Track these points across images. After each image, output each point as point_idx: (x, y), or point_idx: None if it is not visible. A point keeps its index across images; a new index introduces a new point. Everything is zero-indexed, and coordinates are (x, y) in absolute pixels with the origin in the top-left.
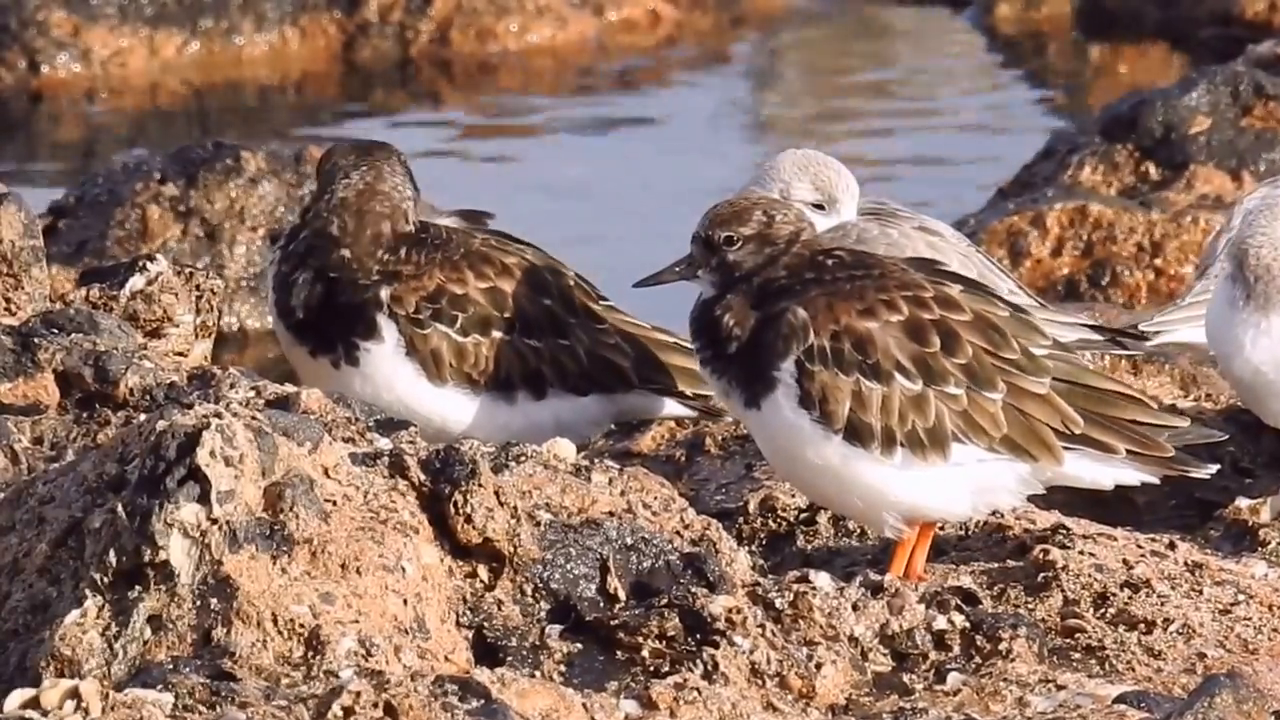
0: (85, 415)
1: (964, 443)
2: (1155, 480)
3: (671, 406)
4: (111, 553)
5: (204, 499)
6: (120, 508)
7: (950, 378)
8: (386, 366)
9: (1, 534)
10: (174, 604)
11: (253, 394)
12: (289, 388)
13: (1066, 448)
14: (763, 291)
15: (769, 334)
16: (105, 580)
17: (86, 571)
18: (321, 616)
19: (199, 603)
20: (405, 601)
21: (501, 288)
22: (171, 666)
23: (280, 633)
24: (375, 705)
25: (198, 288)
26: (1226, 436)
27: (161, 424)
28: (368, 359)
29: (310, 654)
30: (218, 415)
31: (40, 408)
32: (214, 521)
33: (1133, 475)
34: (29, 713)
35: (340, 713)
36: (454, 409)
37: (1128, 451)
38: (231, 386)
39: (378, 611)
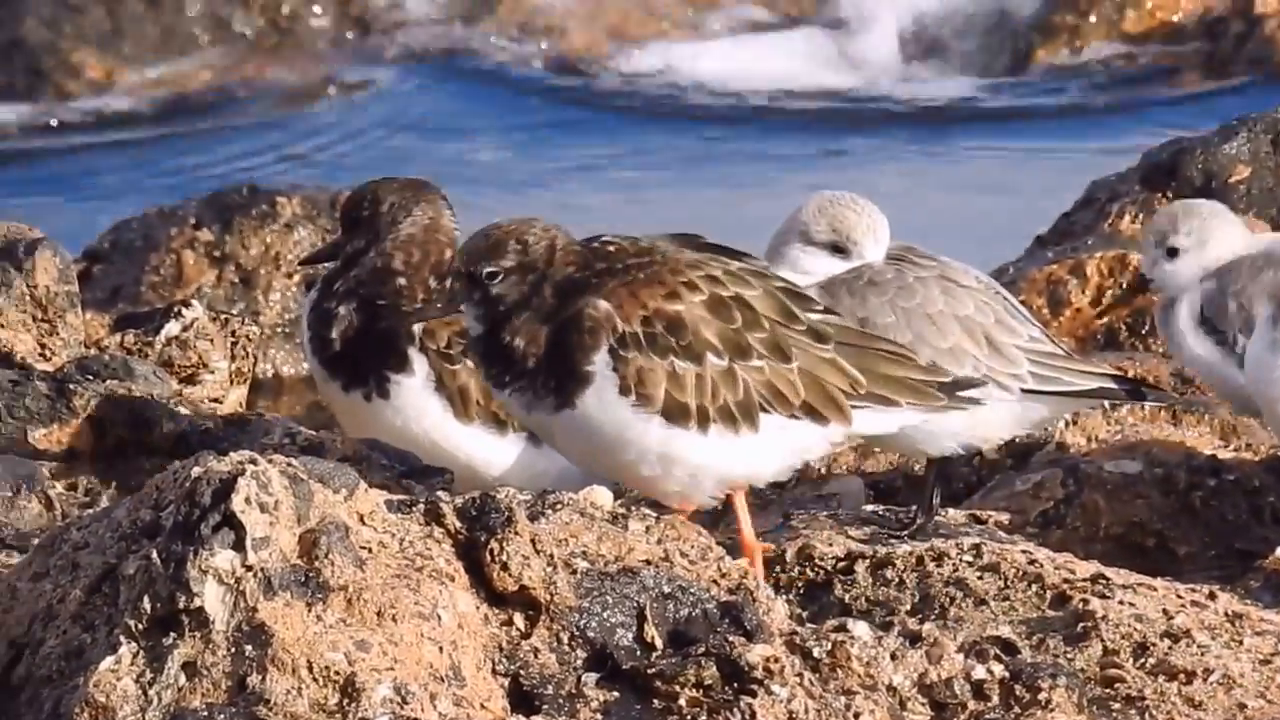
0: (120, 461)
1: (769, 411)
2: (937, 415)
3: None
4: (146, 599)
5: (239, 545)
6: (155, 554)
7: (753, 351)
8: (416, 400)
9: (36, 580)
10: (209, 651)
11: (288, 440)
12: (324, 434)
13: (854, 406)
14: (547, 303)
15: (571, 334)
16: (140, 627)
17: (121, 618)
18: (357, 664)
19: (234, 649)
20: (441, 649)
21: None
22: (206, 714)
23: (315, 680)
24: None
25: (233, 333)
26: (983, 384)
27: (196, 470)
28: (398, 392)
29: (345, 701)
30: (253, 462)
31: (75, 454)
32: (249, 568)
33: (915, 417)
34: None
35: None
36: (481, 448)
37: (908, 404)
38: (266, 433)
39: (413, 659)
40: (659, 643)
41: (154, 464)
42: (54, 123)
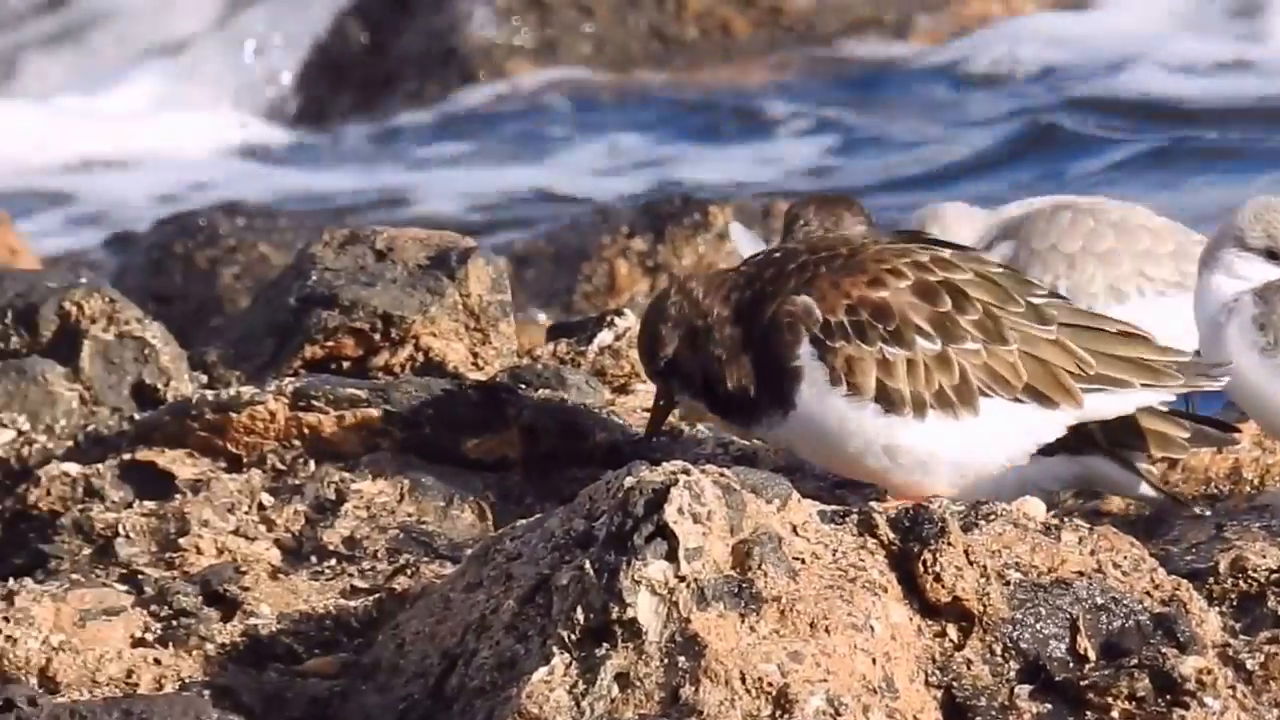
0: (552, 471)
1: (990, 395)
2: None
3: (1142, 488)
4: (579, 610)
5: (672, 556)
6: (588, 564)
7: (967, 335)
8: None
9: (469, 591)
10: (641, 662)
11: (720, 450)
12: (756, 443)
13: (1084, 389)
14: (728, 338)
15: (770, 338)
16: (573, 637)
17: (554, 628)
18: (790, 675)
19: (666, 660)
20: (874, 660)
21: None
22: None
23: (748, 691)
24: None
25: None
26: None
27: (629, 480)
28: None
29: (778, 713)
30: (685, 472)
31: (507, 463)
32: (682, 579)
33: (1152, 397)
34: None
35: None
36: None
37: (1142, 384)
38: (699, 443)
39: (846, 670)
40: (1092, 654)
41: (586, 473)
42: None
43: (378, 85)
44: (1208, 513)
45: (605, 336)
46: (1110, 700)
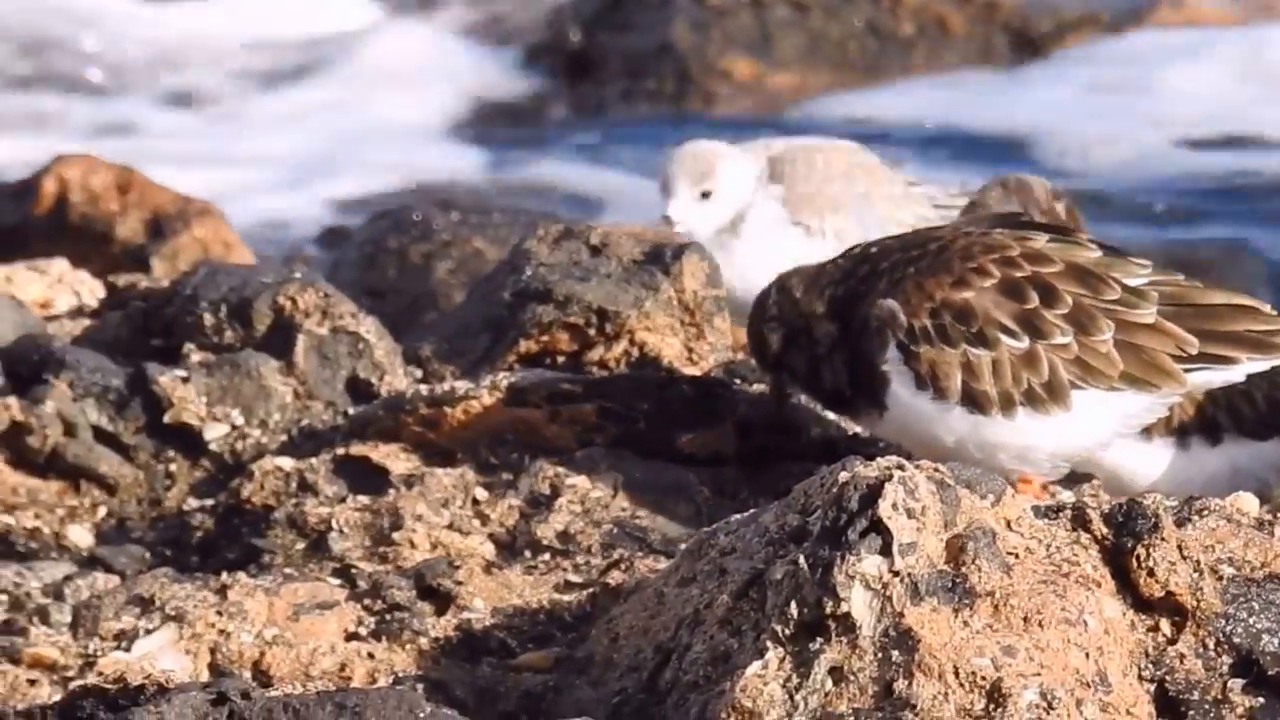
0: (766, 466)
1: (1083, 387)
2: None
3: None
4: (793, 604)
5: (886, 551)
6: (802, 559)
7: (1055, 329)
8: None
9: (683, 585)
10: (855, 656)
11: None
12: None
13: (1188, 369)
14: (827, 334)
15: (860, 341)
16: (786, 632)
17: (768, 623)
18: (1003, 669)
19: (880, 655)
20: (1087, 655)
21: None
22: (852, 718)
23: (961, 685)
24: None
25: None
26: None
27: (844, 475)
28: None
29: (991, 707)
30: (900, 467)
31: (720, 457)
32: (896, 574)
33: (1259, 368)
34: None
35: None
36: (1127, 456)
37: (1248, 358)
38: None
39: (1059, 665)
40: None
41: (800, 468)
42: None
43: (592, 83)
44: None
45: None
46: None
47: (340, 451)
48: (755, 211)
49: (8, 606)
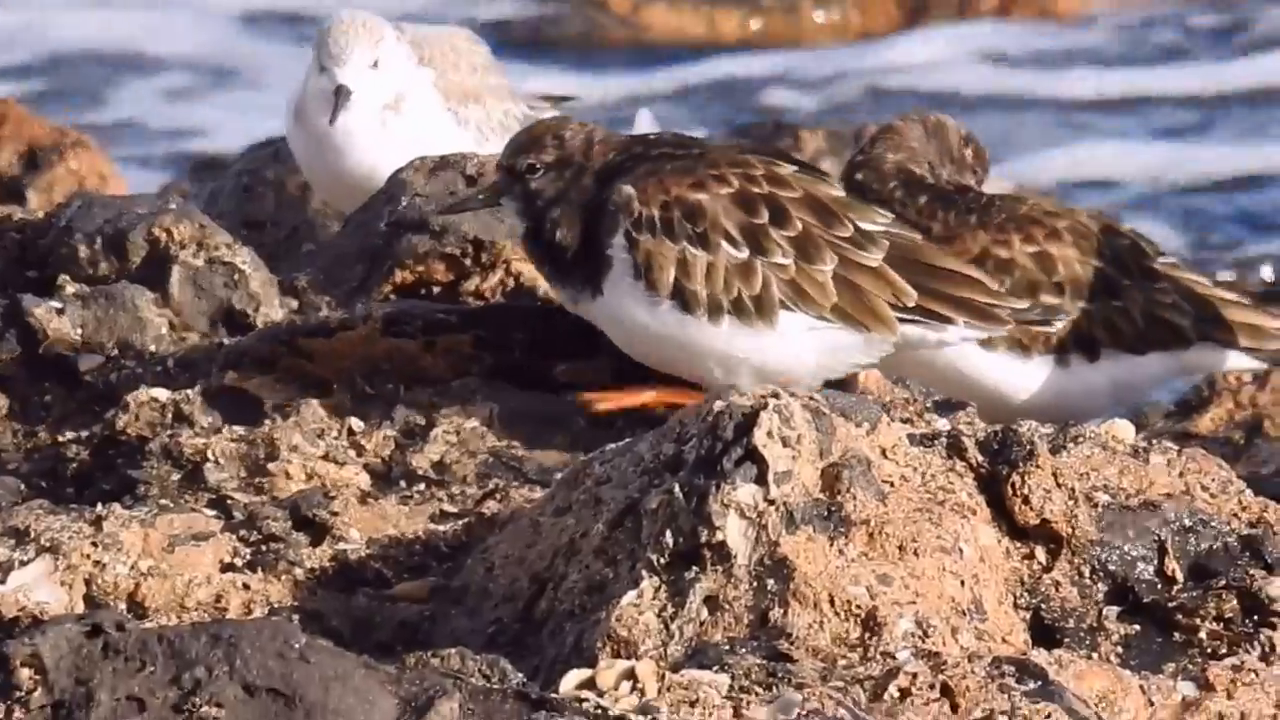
0: None
1: (792, 310)
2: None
3: (1235, 360)
4: (668, 533)
5: (761, 480)
6: (677, 488)
7: (778, 249)
8: None
9: (559, 515)
10: (730, 585)
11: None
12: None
13: (902, 319)
14: (585, 192)
15: (599, 218)
16: (661, 561)
17: (643, 552)
18: (878, 598)
19: (755, 584)
20: (962, 583)
21: (1049, 251)
22: (728, 648)
23: (837, 614)
24: (932, 686)
25: None
26: (1073, 316)
27: (719, 404)
28: None
29: (867, 635)
30: (775, 395)
31: (596, 387)
32: (771, 502)
33: (975, 333)
34: (585, 693)
35: (896, 694)
36: (1006, 374)
37: (964, 322)
38: None
39: (935, 593)
40: (1179, 576)
41: None
42: None
43: None
44: None
45: None
46: (1198, 622)
47: (215, 382)
48: (416, 92)
49: None
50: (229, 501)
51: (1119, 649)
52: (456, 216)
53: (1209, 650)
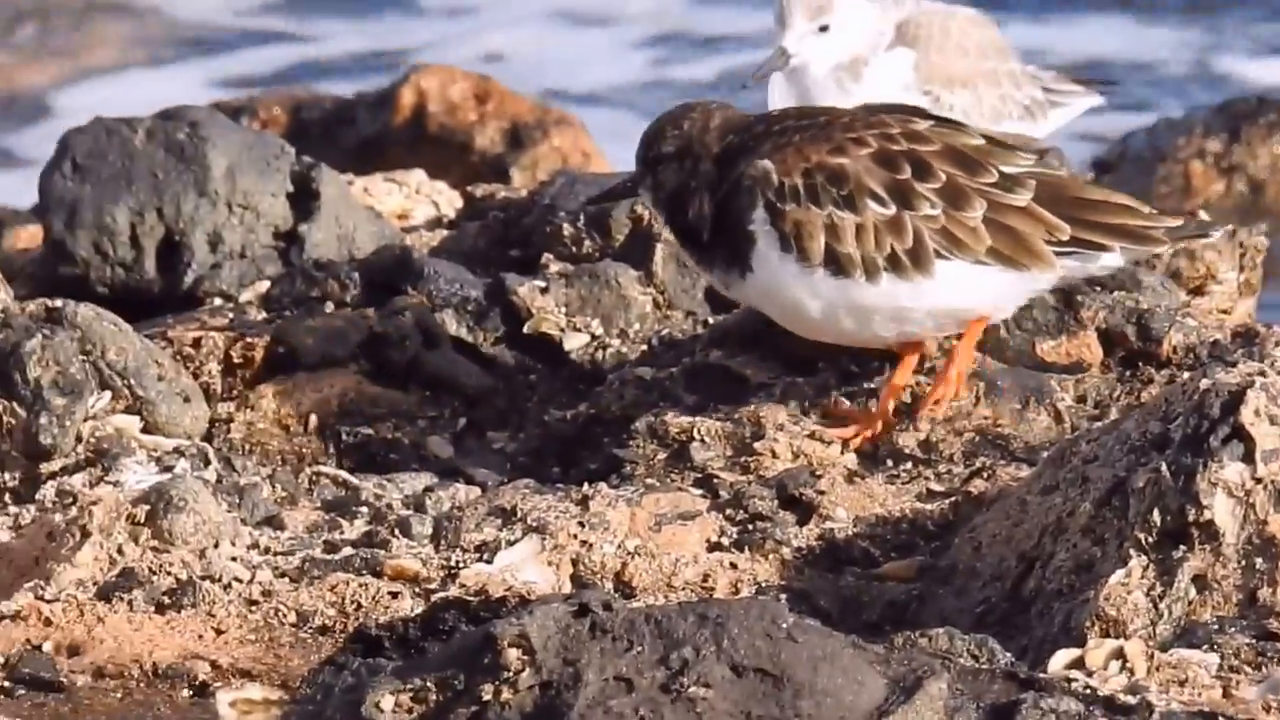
0: (1128, 373)
1: (948, 258)
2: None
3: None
4: (1155, 512)
5: (1248, 458)
6: (1164, 467)
7: (925, 201)
8: None
9: (1045, 494)
10: (1219, 564)
11: None
12: None
13: (1059, 252)
14: (709, 176)
15: (733, 198)
16: (1149, 540)
17: (1130, 531)
18: None
19: (1243, 562)
20: None
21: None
22: (1216, 627)
23: None
24: None
25: (1241, 245)
26: (1230, 228)
27: (1205, 383)
28: None
29: None
30: (1261, 374)
31: (1083, 366)
32: (1258, 481)
33: (1133, 257)
34: (1073, 672)
35: None
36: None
37: (1121, 248)
38: (1277, 344)
39: None
40: None
41: (1163, 376)
42: None
43: None
44: None
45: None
46: None
47: (699, 360)
48: (883, 67)
49: (369, 519)
50: (715, 480)
51: None
52: None
53: None
